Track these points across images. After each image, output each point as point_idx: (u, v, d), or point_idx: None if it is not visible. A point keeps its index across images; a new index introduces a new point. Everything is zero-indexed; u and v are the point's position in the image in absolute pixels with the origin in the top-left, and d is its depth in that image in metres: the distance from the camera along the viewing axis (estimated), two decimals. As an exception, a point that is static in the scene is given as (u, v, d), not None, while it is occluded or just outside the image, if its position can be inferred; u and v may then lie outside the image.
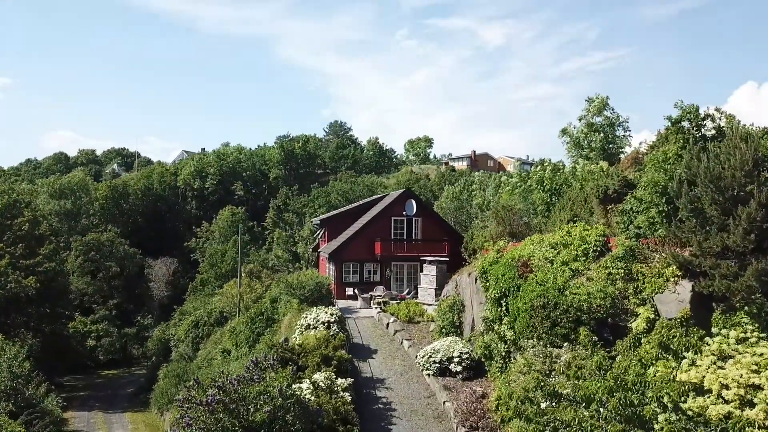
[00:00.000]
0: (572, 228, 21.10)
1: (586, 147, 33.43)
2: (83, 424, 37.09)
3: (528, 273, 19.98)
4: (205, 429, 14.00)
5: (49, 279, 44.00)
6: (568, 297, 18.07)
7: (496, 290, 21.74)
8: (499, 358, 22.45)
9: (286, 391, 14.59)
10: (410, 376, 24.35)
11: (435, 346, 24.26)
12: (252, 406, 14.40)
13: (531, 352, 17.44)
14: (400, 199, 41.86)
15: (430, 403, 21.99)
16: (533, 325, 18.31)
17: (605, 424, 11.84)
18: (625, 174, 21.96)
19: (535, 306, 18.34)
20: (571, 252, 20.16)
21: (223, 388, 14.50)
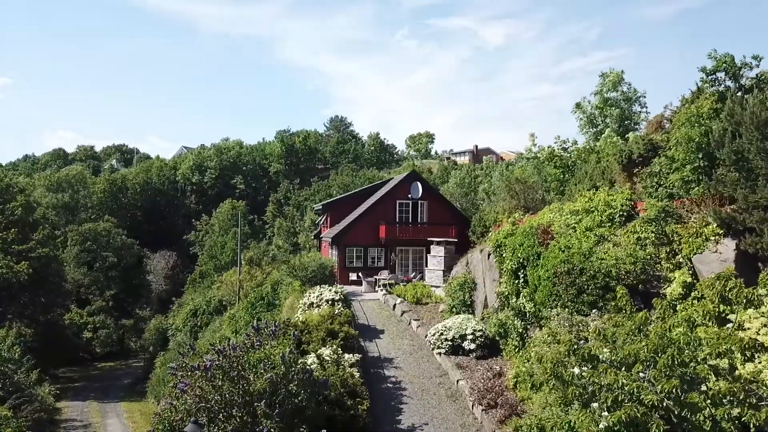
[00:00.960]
0: (595, 194, 19.73)
1: (601, 123, 32.02)
2: (77, 413, 35.73)
3: (549, 240, 18.61)
4: (201, 397, 12.62)
5: (43, 265, 42.61)
6: (594, 262, 16.71)
7: (512, 262, 20.36)
8: (516, 335, 21.12)
9: (289, 357, 13.21)
10: (420, 356, 22.98)
11: (446, 323, 22.90)
12: (252, 373, 13.02)
13: (556, 321, 16.06)
14: (406, 182, 40.45)
15: (443, 382, 20.62)
16: (557, 294, 16.94)
17: (650, 386, 10.54)
18: (651, 137, 20.63)
19: (558, 273, 16.96)
20: (595, 218, 18.79)
21: (223, 352, 13.12)
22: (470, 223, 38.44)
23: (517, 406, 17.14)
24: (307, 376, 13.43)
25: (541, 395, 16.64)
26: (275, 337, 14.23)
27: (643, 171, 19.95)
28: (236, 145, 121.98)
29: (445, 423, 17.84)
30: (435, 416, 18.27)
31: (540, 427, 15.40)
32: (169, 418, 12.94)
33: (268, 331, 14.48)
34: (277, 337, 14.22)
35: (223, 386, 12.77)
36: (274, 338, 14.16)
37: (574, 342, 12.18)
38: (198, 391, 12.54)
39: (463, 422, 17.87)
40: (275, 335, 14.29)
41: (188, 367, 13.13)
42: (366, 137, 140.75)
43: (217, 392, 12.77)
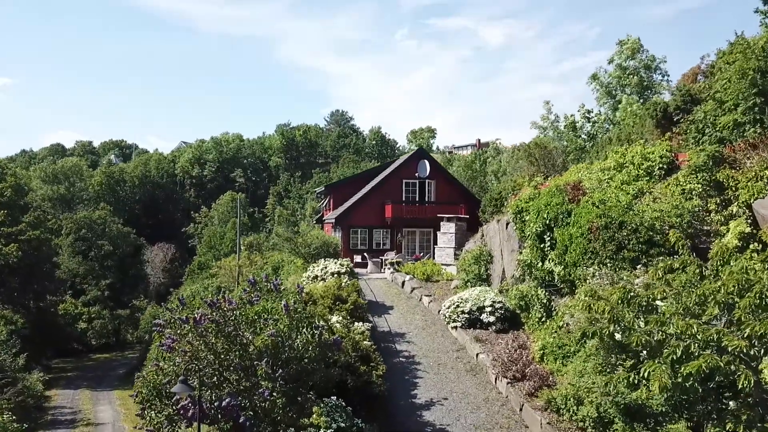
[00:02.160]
0: (628, 149, 17.93)
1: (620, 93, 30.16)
2: (67, 401, 33.95)
3: (580, 196, 16.82)
4: (191, 355, 10.83)
5: (34, 249, 40.79)
6: (635, 216, 14.91)
7: (537, 224, 18.55)
8: (539, 306, 19.33)
9: (294, 307, 11.40)
10: (434, 330, 21.16)
11: (462, 295, 21.08)
12: (250, 330, 11.22)
13: (594, 280, 14.26)
14: (413, 160, 38.58)
15: (460, 356, 18.82)
16: (592, 251, 15.13)
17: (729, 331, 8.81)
18: (689, 88, 18.86)
19: (594, 229, 15.16)
20: (631, 172, 17.01)
21: (216, 305, 11.32)
22: (480, 204, 36.73)
23: (548, 378, 15.35)
24: (316, 333, 11.62)
25: (576, 363, 14.88)
26: (277, 292, 12.42)
27: (685, 120, 18.11)
28: (236, 138, 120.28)
29: (467, 398, 16.04)
30: (454, 390, 16.48)
31: (577, 397, 13.63)
32: (154, 381, 11.15)
33: (267, 286, 12.67)
34: (279, 293, 12.42)
35: (216, 344, 10.96)
36: (276, 294, 12.36)
37: (628, 289, 10.38)
38: (188, 347, 10.73)
39: (486, 396, 16.08)
40: (277, 290, 12.48)
41: (176, 321, 11.33)
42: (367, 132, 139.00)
43: (209, 351, 10.97)
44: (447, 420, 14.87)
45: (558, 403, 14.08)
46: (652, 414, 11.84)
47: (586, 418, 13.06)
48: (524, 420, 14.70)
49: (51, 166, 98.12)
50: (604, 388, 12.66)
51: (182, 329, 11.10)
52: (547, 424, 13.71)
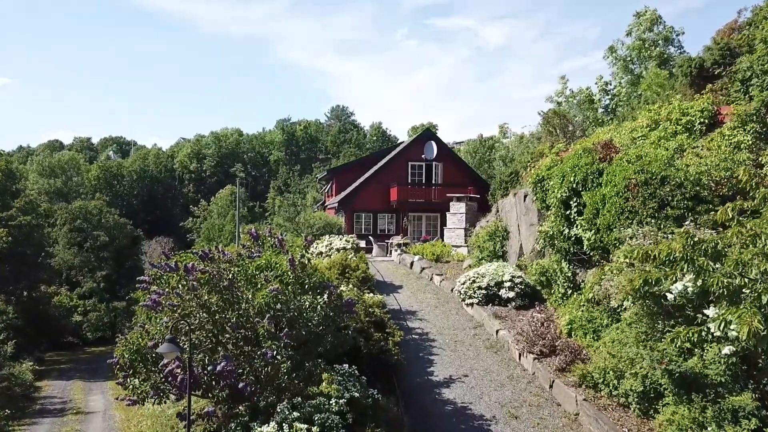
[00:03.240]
0: (662, 106, 16.41)
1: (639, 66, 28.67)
2: (58, 391, 32.36)
3: (613, 154, 15.29)
4: (181, 312, 9.28)
5: (25, 235, 39.21)
6: (679, 171, 13.39)
7: (562, 190, 17.02)
8: (563, 280, 17.83)
9: (302, 262, 9.87)
10: (447, 309, 19.65)
11: (479, 270, 19.56)
12: (250, 287, 9.68)
13: (636, 240, 12.70)
14: (419, 141, 37.08)
15: (478, 333, 17.30)
16: (630, 210, 13.59)
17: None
18: (727, 42, 17.36)
19: (632, 186, 13.62)
20: (668, 129, 15.51)
21: (209, 256, 9.78)
22: (489, 188, 35.25)
23: (580, 352, 13.81)
24: (325, 292, 10.08)
25: (613, 334, 13.34)
26: (281, 248, 10.88)
27: (728, 71, 16.57)
28: (235, 132, 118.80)
29: (489, 375, 14.52)
30: (475, 368, 14.95)
31: (617, 370, 12.09)
32: (138, 344, 9.60)
33: (271, 241, 11.13)
34: (283, 249, 10.87)
35: (210, 299, 9.42)
36: (280, 247, 10.81)
37: (692, 234, 8.84)
38: (176, 300, 9.19)
39: (510, 374, 14.55)
40: (281, 247, 10.94)
41: (163, 272, 9.79)
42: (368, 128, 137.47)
43: (202, 308, 9.42)
44: (469, 398, 13.34)
45: (595, 377, 12.56)
46: (710, 384, 10.31)
47: (630, 392, 11.53)
48: (555, 398, 13.17)
49: (47, 159, 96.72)
50: (652, 354, 11.14)
51: (170, 278, 9.58)
52: (583, 401, 12.18)
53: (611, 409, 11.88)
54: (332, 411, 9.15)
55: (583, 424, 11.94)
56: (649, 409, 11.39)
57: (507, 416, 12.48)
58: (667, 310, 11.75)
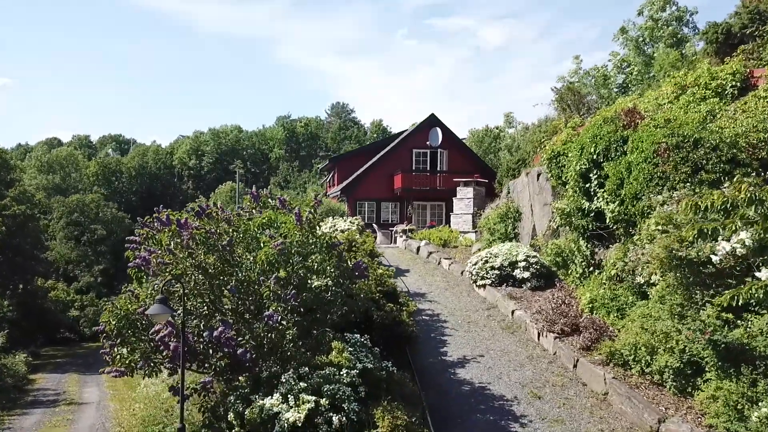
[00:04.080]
0: (688, 73, 15.44)
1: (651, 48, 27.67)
2: (52, 384, 31.35)
3: (638, 120, 14.32)
4: (174, 271, 8.30)
5: (19, 225, 38.24)
6: (713, 133, 12.42)
7: (581, 163, 16.05)
8: (581, 259, 16.87)
9: (309, 218, 8.90)
10: (458, 291, 18.70)
11: (491, 250, 18.59)
12: (253, 244, 8.70)
13: (667, 206, 11.73)
14: (424, 128, 36.03)
15: (492, 314, 16.33)
16: (661, 177, 12.62)
17: None
18: (756, 5, 16.40)
19: (662, 150, 12.65)
20: (696, 94, 14.54)
21: (205, 211, 8.80)
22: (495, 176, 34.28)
23: (606, 329, 12.84)
24: (334, 252, 9.11)
25: (644, 309, 12.37)
26: (284, 206, 9.89)
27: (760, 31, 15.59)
28: (234, 129, 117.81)
29: (506, 355, 13.54)
30: (491, 348, 13.98)
31: (650, 346, 11.11)
32: (126, 309, 8.62)
33: (273, 203, 10.15)
34: (286, 210, 9.88)
35: (207, 260, 8.44)
36: (284, 207, 9.83)
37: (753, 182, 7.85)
38: (169, 258, 8.21)
39: (529, 354, 13.57)
40: (284, 207, 9.96)
41: (154, 231, 8.81)
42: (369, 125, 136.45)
43: (197, 269, 8.44)
44: (486, 378, 12.37)
45: (624, 355, 11.59)
46: (760, 357, 9.34)
47: (665, 368, 10.56)
48: (580, 377, 12.20)
49: (46, 154, 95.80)
50: (693, 325, 10.18)
51: (162, 235, 8.60)
52: (612, 380, 11.20)
53: (644, 387, 10.91)
54: (343, 382, 8.20)
55: (613, 403, 10.97)
56: (686, 387, 10.43)
57: (529, 396, 11.51)
58: (704, 280, 10.81)
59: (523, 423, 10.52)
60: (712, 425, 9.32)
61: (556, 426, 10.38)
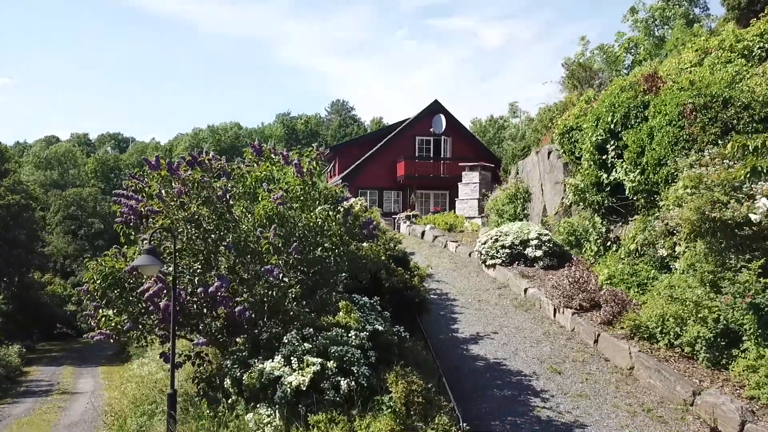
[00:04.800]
0: (709, 38, 14.68)
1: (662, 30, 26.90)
2: (46, 375, 30.54)
3: (660, 84, 13.54)
4: (164, 221, 7.50)
5: (13, 215, 37.44)
6: (744, 92, 11.64)
7: (597, 134, 15.29)
8: (596, 236, 16.12)
9: (311, 170, 8.10)
10: (466, 272, 17.93)
11: (502, 229, 17.81)
12: (249, 198, 7.91)
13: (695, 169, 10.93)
14: (427, 115, 35.23)
15: (504, 293, 15.55)
16: (687, 139, 11.84)
17: None
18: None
19: (688, 112, 11.86)
20: (721, 57, 13.76)
21: (198, 160, 8.02)
22: (500, 165, 33.58)
23: (629, 302, 12.04)
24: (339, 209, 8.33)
25: (671, 278, 11.60)
26: (286, 161, 9.10)
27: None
28: (234, 126, 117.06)
29: (521, 332, 12.76)
30: (504, 325, 13.20)
31: (679, 316, 10.32)
32: (110, 265, 7.81)
33: (275, 159, 9.34)
34: (287, 163, 9.09)
35: (201, 212, 7.64)
36: (285, 161, 9.04)
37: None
38: (158, 206, 7.41)
39: (545, 331, 12.79)
40: (286, 162, 9.16)
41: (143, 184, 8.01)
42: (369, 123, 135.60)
43: (190, 224, 7.65)
44: (502, 354, 11.59)
45: (650, 328, 10.80)
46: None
47: (697, 339, 9.76)
48: (602, 353, 11.42)
49: (44, 151, 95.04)
50: (732, 288, 9.41)
51: (151, 180, 7.81)
52: (638, 353, 10.41)
53: (673, 360, 10.11)
54: (351, 345, 7.41)
55: (640, 378, 10.18)
56: (720, 359, 9.64)
57: (549, 372, 10.72)
58: (739, 245, 10.03)
59: (545, 398, 9.73)
60: (754, 397, 8.54)
61: (580, 401, 9.59)
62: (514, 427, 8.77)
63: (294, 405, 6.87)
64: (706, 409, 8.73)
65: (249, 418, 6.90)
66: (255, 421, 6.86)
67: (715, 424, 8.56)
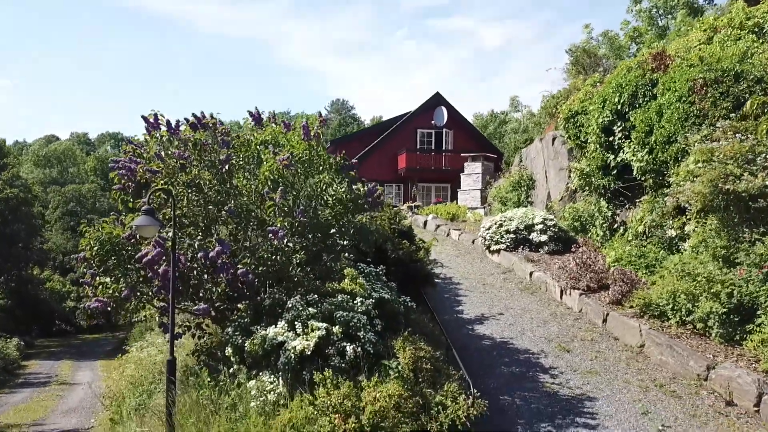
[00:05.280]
0: (717, 17, 14.46)
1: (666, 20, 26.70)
2: (45, 369, 30.30)
3: (668, 62, 13.31)
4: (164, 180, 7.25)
5: (12, 209, 37.18)
6: (756, 67, 11.42)
7: (604, 116, 15.08)
8: (602, 220, 15.91)
9: (317, 132, 7.86)
10: (470, 258, 17.70)
11: (506, 214, 17.58)
12: (253, 163, 7.67)
13: (707, 144, 10.70)
14: (428, 107, 35.02)
15: (509, 277, 15.32)
16: (697, 114, 11.61)
17: None
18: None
19: (698, 87, 11.63)
20: (730, 35, 13.54)
21: (201, 122, 7.77)
22: (503, 157, 33.37)
23: (638, 281, 11.81)
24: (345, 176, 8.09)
25: (682, 255, 11.36)
26: (288, 128, 8.85)
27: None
28: (234, 125, 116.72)
29: (528, 313, 12.52)
30: (510, 306, 12.97)
31: (690, 293, 10.08)
32: (108, 231, 7.57)
33: (277, 127, 9.09)
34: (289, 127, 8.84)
35: (203, 175, 7.40)
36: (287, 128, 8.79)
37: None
38: (157, 166, 7.16)
39: (552, 312, 12.56)
40: (288, 128, 8.92)
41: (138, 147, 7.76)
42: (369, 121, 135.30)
43: (192, 189, 7.40)
44: (508, 334, 11.35)
45: (661, 305, 10.55)
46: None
47: (710, 315, 9.52)
48: (611, 332, 11.17)
49: (43, 148, 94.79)
50: (748, 259, 9.18)
51: (150, 137, 7.56)
52: (649, 330, 10.17)
53: (685, 337, 9.87)
54: (357, 311, 7.16)
55: (651, 355, 9.94)
56: (734, 335, 9.40)
57: (557, 350, 10.48)
58: (752, 218, 9.81)
59: (554, 374, 9.49)
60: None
61: (590, 377, 9.35)
62: (524, 401, 8.53)
63: (298, 372, 6.63)
64: (721, 382, 8.49)
65: (251, 385, 6.66)
66: (257, 387, 6.62)
67: (730, 398, 8.32)
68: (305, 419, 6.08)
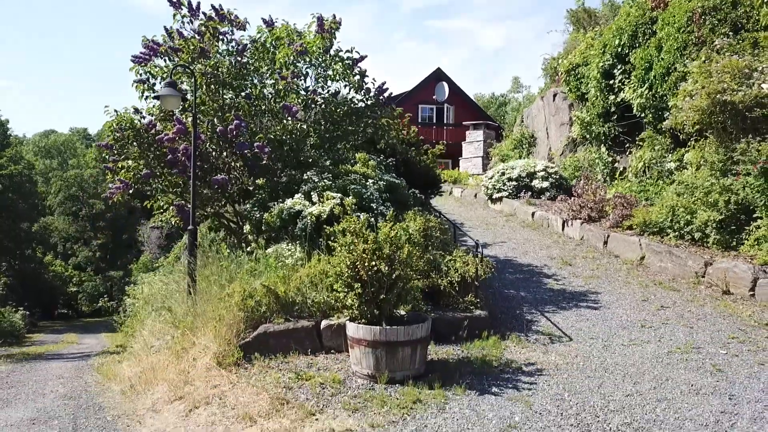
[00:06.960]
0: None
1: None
2: (51, 338, 30.52)
3: (668, 0, 13.60)
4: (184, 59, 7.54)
5: (16, 186, 37.45)
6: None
7: (604, 59, 15.40)
8: (603, 166, 16.26)
9: (330, 27, 8.14)
10: (472, 208, 18.04)
11: (509, 164, 17.90)
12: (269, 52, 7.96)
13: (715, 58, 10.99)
14: (429, 82, 35.28)
15: (511, 220, 15.64)
16: (696, 42, 11.90)
17: None
18: None
19: (697, 17, 11.93)
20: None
21: (220, 13, 8.04)
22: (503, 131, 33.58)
23: (638, 204, 12.13)
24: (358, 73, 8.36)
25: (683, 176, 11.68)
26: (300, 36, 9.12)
27: None
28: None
29: (530, 242, 12.85)
30: (512, 237, 13.31)
31: (688, 207, 10.39)
32: (129, 118, 7.85)
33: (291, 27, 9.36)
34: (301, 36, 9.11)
35: (220, 64, 7.69)
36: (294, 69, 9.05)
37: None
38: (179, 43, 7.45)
39: (554, 240, 12.89)
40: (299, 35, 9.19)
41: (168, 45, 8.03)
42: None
43: (209, 77, 7.69)
44: (512, 254, 11.68)
45: (660, 222, 10.85)
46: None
47: (707, 223, 9.82)
48: (612, 251, 11.49)
49: (44, 140, 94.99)
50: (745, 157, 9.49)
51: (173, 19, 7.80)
52: (649, 244, 10.48)
53: (684, 247, 10.18)
54: (370, 189, 7.46)
55: (651, 265, 10.26)
56: (731, 241, 9.69)
57: (560, 264, 10.82)
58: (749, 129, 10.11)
59: (557, 279, 9.82)
60: (766, 263, 8.60)
61: (592, 280, 9.68)
62: (529, 293, 8.86)
63: (314, 239, 6.92)
64: (718, 275, 8.82)
65: (270, 251, 6.95)
66: (275, 255, 6.91)
67: (727, 288, 8.64)
68: (322, 273, 6.38)
